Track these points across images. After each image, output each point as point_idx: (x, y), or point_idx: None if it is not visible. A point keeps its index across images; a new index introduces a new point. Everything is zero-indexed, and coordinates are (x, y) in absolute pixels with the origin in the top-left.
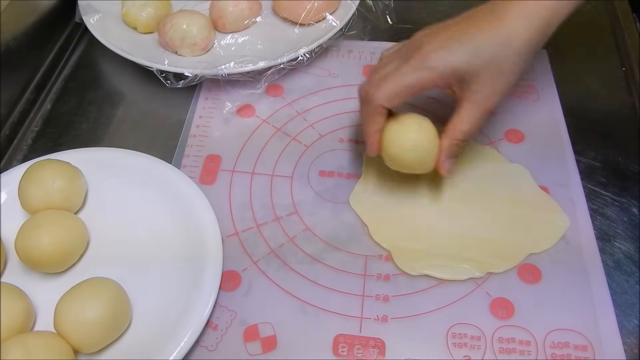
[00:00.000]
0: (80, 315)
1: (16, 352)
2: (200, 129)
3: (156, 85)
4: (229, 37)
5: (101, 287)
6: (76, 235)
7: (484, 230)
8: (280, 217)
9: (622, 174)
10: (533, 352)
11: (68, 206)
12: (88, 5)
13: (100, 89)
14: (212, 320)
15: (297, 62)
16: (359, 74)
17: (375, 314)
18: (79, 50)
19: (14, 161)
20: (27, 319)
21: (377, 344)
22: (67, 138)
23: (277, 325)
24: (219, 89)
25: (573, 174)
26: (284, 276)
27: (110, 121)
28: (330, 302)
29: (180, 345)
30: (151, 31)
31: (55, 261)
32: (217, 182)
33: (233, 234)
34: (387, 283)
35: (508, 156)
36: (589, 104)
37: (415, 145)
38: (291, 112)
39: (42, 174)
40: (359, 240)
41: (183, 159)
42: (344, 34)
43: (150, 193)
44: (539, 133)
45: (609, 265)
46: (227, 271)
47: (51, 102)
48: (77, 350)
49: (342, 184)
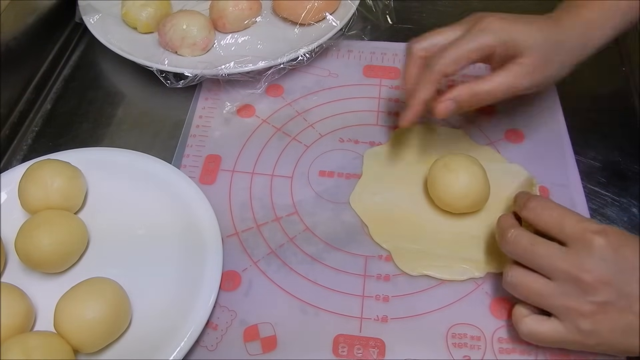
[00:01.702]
0: (80, 315)
1: (16, 352)
2: (200, 129)
3: (156, 85)
4: (229, 37)
5: (101, 287)
6: (76, 235)
7: (483, 230)
8: (280, 217)
9: (622, 174)
10: (533, 352)
11: (68, 206)
12: (88, 5)
13: (100, 89)
14: (212, 320)
15: (297, 62)
16: (359, 74)
17: (375, 314)
18: (79, 50)
19: (14, 161)
20: (27, 319)
21: (377, 344)
22: (67, 138)
23: (277, 325)
24: (219, 89)
25: (573, 174)
26: (284, 276)
27: (110, 121)
28: (330, 302)
29: (180, 345)
30: (151, 31)
31: (55, 261)
32: (217, 182)
33: (233, 234)
34: (387, 283)
35: (508, 156)
36: (589, 104)
37: (467, 193)
38: (291, 112)
39: (42, 173)
40: (359, 240)
41: (183, 159)
42: (344, 34)
43: (150, 193)
44: (539, 133)
45: None
46: (227, 271)
47: (51, 102)
48: (77, 350)
49: (342, 184)
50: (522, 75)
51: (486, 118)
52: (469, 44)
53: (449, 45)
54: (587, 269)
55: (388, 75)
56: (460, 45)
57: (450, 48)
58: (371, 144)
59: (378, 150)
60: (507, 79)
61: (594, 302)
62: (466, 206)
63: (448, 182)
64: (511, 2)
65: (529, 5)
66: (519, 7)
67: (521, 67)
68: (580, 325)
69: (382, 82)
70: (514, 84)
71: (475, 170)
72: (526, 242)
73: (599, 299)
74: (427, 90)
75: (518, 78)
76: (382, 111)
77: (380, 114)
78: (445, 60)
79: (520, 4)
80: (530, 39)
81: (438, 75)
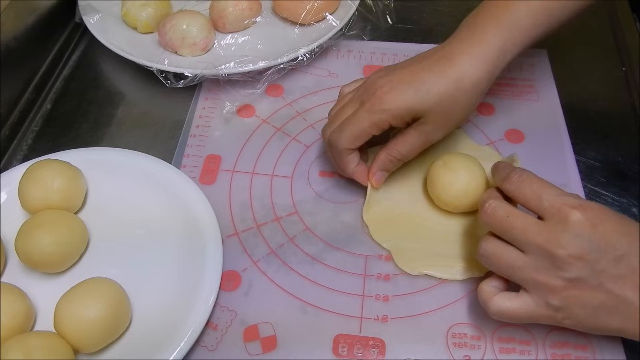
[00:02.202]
0: (80, 315)
1: (16, 352)
2: (200, 129)
3: (156, 85)
4: (229, 37)
5: (101, 287)
6: (76, 235)
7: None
8: (280, 217)
9: (622, 174)
10: (533, 351)
11: (68, 206)
12: (88, 5)
13: (100, 89)
14: (212, 320)
15: (297, 62)
16: (359, 74)
17: (375, 313)
18: (79, 50)
19: (14, 161)
20: (27, 319)
21: (377, 344)
22: (67, 138)
23: (277, 325)
24: (219, 89)
25: (573, 174)
26: (284, 276)
27: (110, 121)
28: (330, 302)
29: (180, 345)
30: (151, 31)
31: (55, 261)
32: (217, 182)
33: (233, 234)
34: (387, 283)
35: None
36: (589, 104)
37: (467, 192)
38: (291, 112)
39: (42, 174)
40: (359, 240)
41: (183, 159)
42: (344, 34)
43: (150, 193)
44: (539, 133)
45: None
46: (227, 271)
47: (51, 102)
48: (77, 350)
49: (342, 184)
50: (430, 132)
51: (486, 118)
52: (363, 123)
53: (345, 122)
54: (561, 244)
55: None
56: (355, 124)
57: (346, 127)
58: None
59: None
60: (418, 138)
61: (566, 278)
62: (466, 205)
63: (448, 182)
64: None
65: None
66: None
67: (427, 127)
68: (549, 300)
69: None
70: (426, 140)
71: (475, 170)
72: (502, 214)
73: (570, 275)
74: (351, 163)
75: (427, 135)
76: None
77: None
78: (344, 140)
79: None
80: (425, 102)
81: (344, 153)
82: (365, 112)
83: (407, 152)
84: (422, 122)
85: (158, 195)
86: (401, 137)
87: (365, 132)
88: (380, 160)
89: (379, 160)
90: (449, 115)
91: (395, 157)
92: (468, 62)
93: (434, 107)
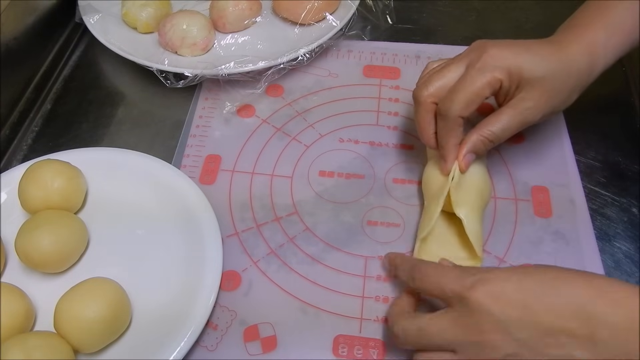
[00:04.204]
0: (80, 315)
1: (16, 352)
2: (200, 129)
3: (156, 85)
4: (229, 37)
5: (101, 287)
6: (76, 235)
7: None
8: (280, 217)
9: (622, 174)
10: None
11: (68, 206)
12: (88, 5)
13: (100, 89)
14: (212, 320)
15: (297, 62)
16: (359, 74)
17: (375, 314)
18: (79, 50)
19: (14, 161)
20: (27, 319)
21: (377, 345)
22: (67, 138)
23: (277, 325)
24: (219, 89)
25: (573, 174)
26: (284, 276)
27: (110, 121)
28: (330, 302)
29: (180, 345)
30: (151, 31)
31: (55, 261)
32: (217, 182)
33: (233, 234)
34: (387, 284)
35: (508, 156)
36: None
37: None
38: (291, 112)
39: (42, 174)
40: (359, 240)
41: (183, 159)
42: (344, 34)
43: (150, 193)
44: (539, 133)
45: (609, 265)
46: (227, 271)
47: (51, 102)
48: (77, 350)
49: (342, 184)
50: (529, 110)
51: None
52: (476, 83)
53: (456, 87)
54: (478, 330)
55: (388, 75)
56: (468, 86)
57: (459, 90)
58: (371, 144)
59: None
60: (515, 117)
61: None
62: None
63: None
64: (511, 2)
65: (529, 5)
66: (518, 7)
67: (528, 103)
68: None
69: (382, 82)
70: (523, 120)
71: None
72: (415, 330)
73: (503, 352)
74: (457, 137)
75: (526, 114)
76: (382, 111)
77: (380, 114)
78: (458, 105)
79: (520, 4)
80: (535, 70)
81: (455, 123)
82: (476, 72)
83: (501, 132)
84: (522, 97)
85: (158, 195)
86: (494, 116)
87: (479, 94)
88: (471, 141)
89: (469, 140)
90: (554, 94)
91: (487, 138)
92: (577, 51)
93: (542, 80)
